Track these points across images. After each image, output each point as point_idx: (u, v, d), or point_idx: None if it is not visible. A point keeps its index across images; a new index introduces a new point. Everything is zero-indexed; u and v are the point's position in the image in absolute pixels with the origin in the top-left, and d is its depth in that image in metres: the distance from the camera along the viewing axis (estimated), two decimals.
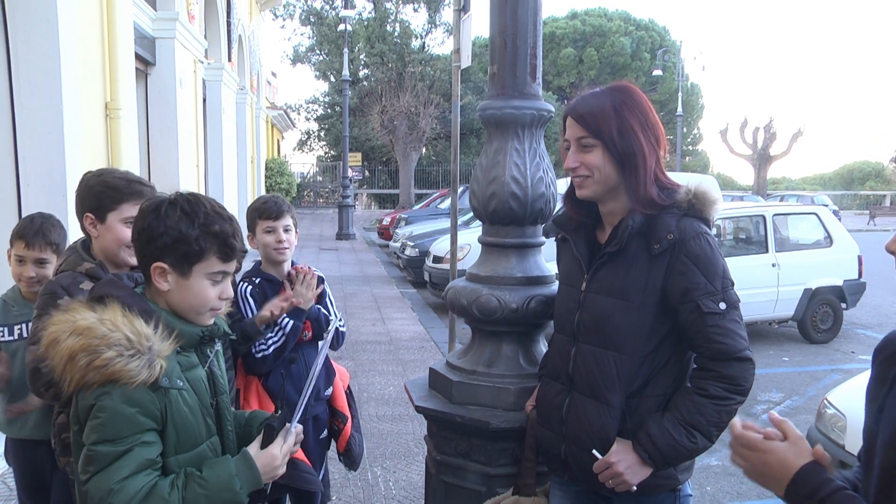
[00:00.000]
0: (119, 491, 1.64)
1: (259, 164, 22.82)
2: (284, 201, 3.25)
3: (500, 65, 2.63)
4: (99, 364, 1.65)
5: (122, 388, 1.66)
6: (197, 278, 1.84)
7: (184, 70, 11.08)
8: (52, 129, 5.64)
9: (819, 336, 9.78)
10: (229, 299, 1.96)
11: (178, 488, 1.71)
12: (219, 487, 1.75)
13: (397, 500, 4.64)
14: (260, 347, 3.06)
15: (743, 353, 2.03)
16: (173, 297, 1.86)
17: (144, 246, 1.84)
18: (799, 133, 39.01)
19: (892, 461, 1.34)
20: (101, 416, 1.67)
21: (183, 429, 1.78)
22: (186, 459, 1.80)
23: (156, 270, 1.83)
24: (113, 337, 1.68)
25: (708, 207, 2.12)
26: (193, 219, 1.82)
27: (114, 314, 1.72)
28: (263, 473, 1.83)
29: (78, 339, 1.67)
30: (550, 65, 40.40)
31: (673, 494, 2.21)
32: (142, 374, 1.67)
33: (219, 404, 1.97)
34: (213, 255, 1.84)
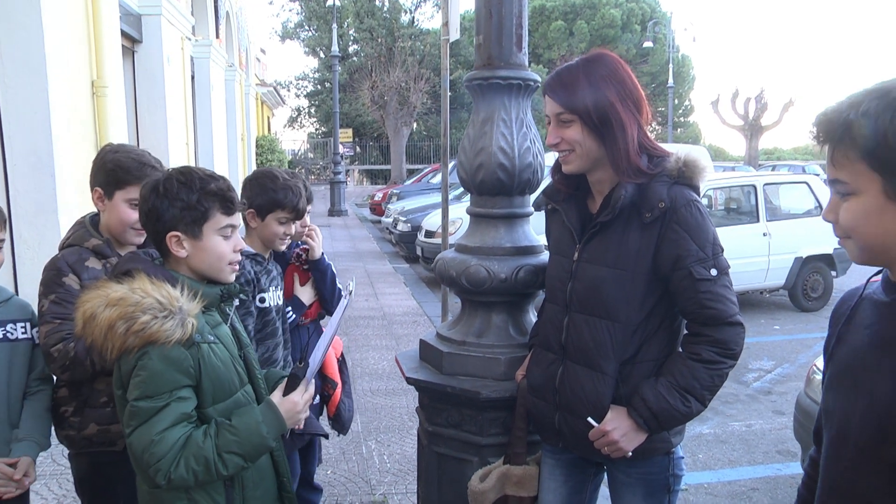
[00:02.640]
0: (160, 441, 1.80)
1: (249, 142, 22.68)
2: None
3: (486, 35, 2.60)
4: (137, 329, 1.79)
5: (160, 348, 1.81)
6: (209, 237, 2.00)
7: (171, 47, 10.97)
8: (38, 108, 5.59)
9: (809, 304, 9.87)
10: (243, 249, 2.11)
11: (211, 436, 1.86)
12: (248, 433, 1.90)
13: (392, 473, 4.67)
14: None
15: (734, 318, 2.05)
16: (193, 261, 2.00)
17: (156, 223, 1.98)
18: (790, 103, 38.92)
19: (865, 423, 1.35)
20: (142, 374, 1.82)
21: (217, 381, 1.93)
22: (224, 408, 1.96)
23: (172, 240, 1.97)
24: (146, 302, 1.81)
25: (697, 175, 2.12)
26: (191, 185, 1.97)
27: (142, 283, 1.86)
28: (287, 419, 1.99)
29: (114, 310, 1.80)
30: (541, 38, 40.14)
31: (667, 457, 2.23)
32: (176, 332, 1.81)
33: (246, 356, 2.13)
34: (217, 212, 2.00)
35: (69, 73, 6.19)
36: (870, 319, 1.41)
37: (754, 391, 6.61)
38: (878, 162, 1.27)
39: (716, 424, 5.78)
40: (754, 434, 5.60)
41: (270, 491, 2.14)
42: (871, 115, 1.26)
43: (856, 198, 1.33)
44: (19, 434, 2.39)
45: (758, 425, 5.78)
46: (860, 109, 1.28)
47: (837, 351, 1.49)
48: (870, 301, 1.43)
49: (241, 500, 2.02)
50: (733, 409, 6.13)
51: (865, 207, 1.31)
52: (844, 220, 1.35)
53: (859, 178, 1.31)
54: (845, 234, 1.38)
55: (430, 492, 2.76)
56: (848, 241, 1.39)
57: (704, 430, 5.65)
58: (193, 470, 1.83)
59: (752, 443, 5.43)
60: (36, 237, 5.53)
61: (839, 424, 1.42)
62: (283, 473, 2.19)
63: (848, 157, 1.31)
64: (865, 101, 1.28)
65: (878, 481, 1.33)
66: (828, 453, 1.46)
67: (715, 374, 2.05)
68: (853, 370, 1.40)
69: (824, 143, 1.36)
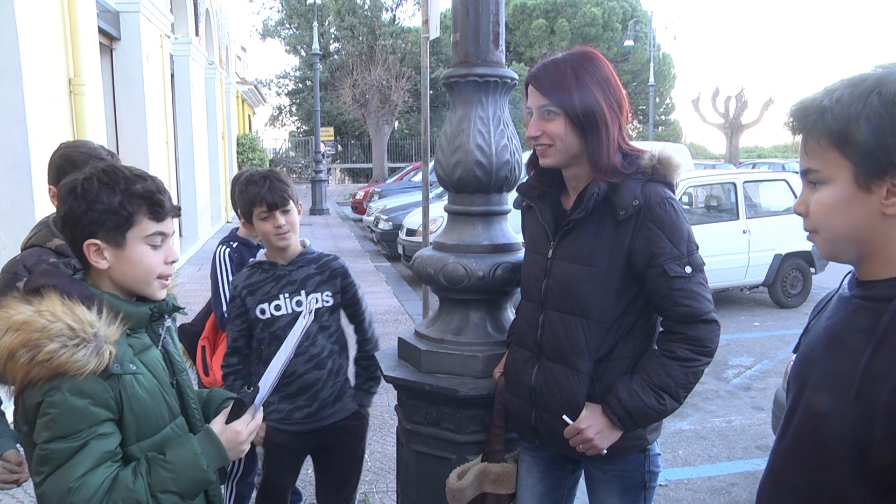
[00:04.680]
0: (79, 489, 1.56)
1: (230, 140, 22.56)
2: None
3: (463, 32, 2.60)
4: (42, 358, 1.55)
5: (71, 381, 1.57)
6: (134, 245, 1.75)
7: (150, 45, 10.90)
8: (13, 107, 5.54)
9: (789, 301, 9.94)
10: (176, 260, 1.86)
11: (143, 475, 1.64)
12: (185, 468, 1.68)
13: (372, 472, 4.66)
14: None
15: (708, 315, 2.05)
16: (116, 274, 1.76)
17: (72, 230, 1.73)
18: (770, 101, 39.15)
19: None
20: (51, 412, 1.56)
21: (142, 414, 1.70)
22: (150, 445, 1.73)
23: (90, 249, 1.72)
24: (54, 328, 1.57)
25: (672, 172, 2.13)
26: (114, 186, 1.72)
27: (52, 304, 1.62)
28: (229, 450, 1.77)
29: (16, 336, 1.56)
30: (522, 36, 40.20)
31: (642, 455, 2.24)
32: (90, 363, 1.57)
33: (179, 383, 1.89)
34: (143, 217, 1.75)
35: (45, 71, 6.13)
36: (829, 313, 1.42)
37: (734, 387, 6.65)
38: (850, 149, 1.27)
39: (696, 420, 5.81)
40: (734, 430, 5.63)
41: None
42: (844, 101, 1.27)
43: (826, 187, 1.33)
44: None
45: (737, 421, 5.82)
46: (834, 96, 1.29)
47: (802, 342, 1.50)
48: (837, 297, 1.44)
49: None
50: (713, 406, 6.16)
51: (835, 196, 1.32)
52: (814, 210, 1.36)
53: (831, 166, 1.31)
54: (814, 227, 1.38)
55: (408, 490, 2.76)
56: (816, 235, 1.39)
57: (684, 426, 5.68)
58: None
59: (731, 438, 5.46)
60: (12, 238, 5.46)
61: (787, 413, 1.44)
62: None
63: (820, 145, 1.31)
64: (840, 89, 1.29)
65: (806, 472, 1.36)
66: (777, 439, 1.48)
67: (690, 372, 2.05)
68: (807, 361, 1.41)
69: (798, 132, 1.36)
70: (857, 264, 1.38)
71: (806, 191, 1.39)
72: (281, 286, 2.93)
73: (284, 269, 2.95)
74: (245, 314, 2.96)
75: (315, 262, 3.00)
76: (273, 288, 2.93)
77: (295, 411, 2.93)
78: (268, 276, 2.95)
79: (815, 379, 1.35)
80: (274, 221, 2.87)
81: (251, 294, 2.94)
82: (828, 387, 1.31)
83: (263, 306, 2.92)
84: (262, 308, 2.92)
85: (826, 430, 1.30)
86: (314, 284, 2.96)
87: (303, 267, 2.97)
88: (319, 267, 2.99)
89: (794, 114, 1.37)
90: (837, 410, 1.28)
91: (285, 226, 2.88)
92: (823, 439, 1.31)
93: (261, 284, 2.94)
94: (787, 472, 1.41)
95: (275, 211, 2.87)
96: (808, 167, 1.36)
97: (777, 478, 1.44)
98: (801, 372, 1.42)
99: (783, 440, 1.43)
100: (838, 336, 1.35)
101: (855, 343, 1.29)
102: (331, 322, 3.00)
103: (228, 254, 3.42)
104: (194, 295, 9.10)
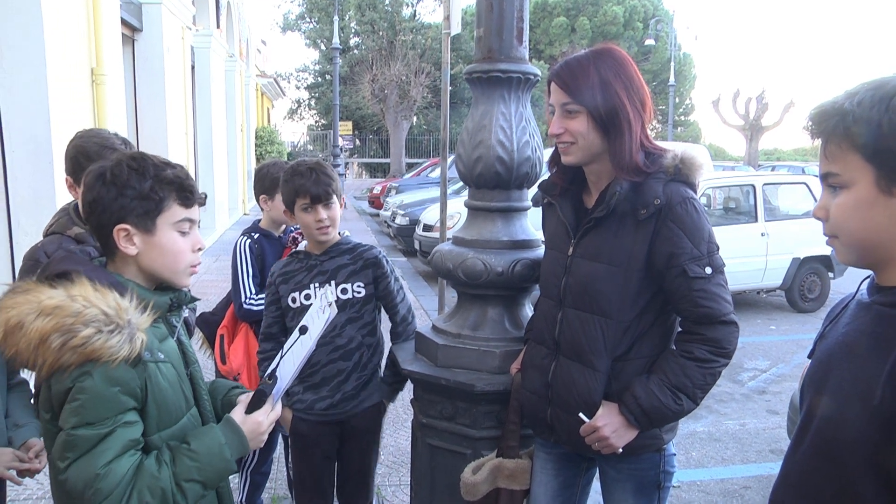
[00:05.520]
0: (105, 475, 1.56)
1: (249, 133, 22.66)
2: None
3: (487, 28, 2.60)
4: (76, 343, 1.54)
5: (104, 367, 1.56)
6: (164, 231, 1.76)
7: (171, 36, 10.97)
8: (37, 96, 5.59)
9: (806, 305, 9.87)
10: (203, 248, 1.88)
11: (167, 464, 1.65)
12: (209, 457, 1.70)
13: (386, 465, 4.67)
14: (249, 302, 3.34)
15: (727, 317, 2.04)
16: (145, 260, 1.76)
17: (100, 216, 1.73)
18: (791, 104, 38.82)
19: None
20: (81, 397, 1.56)
21: (163, 404, 1.71)
22: (170, 435, 1.74)
23: (119, 234, 1.72)
24: (89, 313, 1.56)
25: (694, 172, 2.11)
26: (143, 171, 1.73)
27: (84, 289, 1.61)
28: (250, 440, 1.79)
29: (48, 320, 1.55)
30: (542, 34, 40.09)
31: (658, 454, 2.23)
32: (123, 349, 1.57)
33: (192, 374, 1.89)
34: (173, 203, 1.77)
35: (68, 61, 6.17)
36: (848, 319, 1.40)
37: (749, 390, 6.62)
38: (872, 152, 1.26)
39: (710, 423, 5.79)
40: (748, 433, 5.61)
41: None
42: (865, 104, 1.25)
43: (847, 191, 1.32)
44: (18, 421, 2.38)
45: (752, 424, 5.79)
46: (855, 99, 1.27)
47: (818, 347, 1.49)
48: (855, 302, 1.43)
49: None
50: (728, 408, 6.14)
51: (856, 200, 1.30)
52: (834, 214, 1.34)
53: (851, 170, 1.30)
54: (833, 232, 1.37)
55: (422, 484, 2.76)
56: (835, 240, 1.38)
57: (698, 427, 5.66)
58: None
59: (745, 441, 5.43)
60: (34, 225, 5.52)
61: (804, 419, 1.43)
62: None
63: (841, 148, 1.30)
64: (861, 92, 1.28)
65: (826, 480, 1.34)
66: (791, 444, 1.47)
67: (707, 373, 2.04)
68: (824, 367, 1.40)
69: (818, 136, 1.35)
70: (878, 269, 1.36)
71: (826, 195, 1.38)
72: (312, 275, 2.94)
73: (317, 259, 2.96)
74: (278, 301, 2.99)
75: (349, 252, 2.99)
76: (305, 277, 2.95)
77: (318, 402, 2.94)
78: (302, 266, 2.97)
79: (834, 386, 1.34)
80: (315, 214, 2.86)
81: (285, 282, 2.98)
82: (847, 394, 1.30)
83: (294, 294, 2.94)
84: (293, 297, 2.95)
85: (845, 439, 1.29)
86: (346, 274, 2.94)
87: (336, 257, 2.96)
88: (353, 257, 2.98)
89: (814, 117, 1.36)
90: (857, 419, 1.26)
91: (326, 220, 2.86)
92: (843, 448, 1.29)
93: (294, 273, 2.97)
94: (805, 480, 1.39)
95: (318, 204, 2.85)
96: (829, 171, 1.34)
97: (794, 485, 1.43)
98: (818, 378, 1.41)
99: (799, 447, 1.42)
100: (859, 343, 1.33)
101: (877, 350, 1.27)
102: (363, 313, 2.98)
103: (249, 245, 3.45)
104: (211, 285, 9.16)
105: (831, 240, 1.39)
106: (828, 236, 1.39)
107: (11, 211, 5.61)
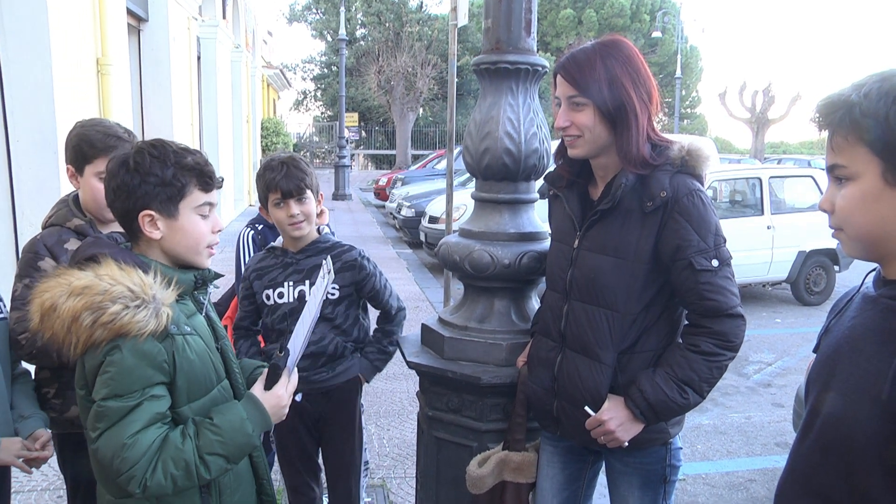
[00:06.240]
0: (132, 445, 1.63)
1: (255, 124, 22.65)
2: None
3: (495, 19, 2.58)
4: (105, 320, 1.62)
5: (132, 341, 1.65)
6: (186, 215, 1.84)
7: (177, 26, 10.95)
8: (42, 85, 5.58)
9: (812, 298, 9.86)
10: (221, 229, 1.96)
11: (191, 437, 1.71)
12: (232, 432, 1.76)
13: (391, 458, 4.68)
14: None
15: (734, 310, 2.02)
16: (168, 243, 1.85)
17: (125, 202, 1.81)
18: (798, 97, 38.60)
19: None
20: (111, 370, 1.65)
21: (192, 376, 1.78)
22: (200, 407, 1.81)
23: (144, 219, 1.81)
24: (115, 290, 1.65)
25: (701, 164, 2.09)
26: (165, 159, 1.81)
27: (110, 269, 1.69)
28: (272, 414, 1.86)
29: (79, 299, 1.63)
30: (549, 26, 39.94)
31: (664, 448, 2.22)
32: (150, 323, 1.66)
33: (222, 348, 1.97)
34: (194, 188, 1.85)
35: (73, 50, 6.16)
36: (854, 312, 1.39)
37: (754, 383, 6.61)
38: (879, 144, 1.25)
39: (715, 416, 5.78)
40: (753, 426, 5.60)
41: (249, 495, 2.01)
42: (872, 96, 1.25)
43: (853, 183, 1.31)
44: (24, 412, 2.37)
45: (757, 417, 5.78)
46: (862, 91, 1.27)
47: (823, 342, 1.48)
48: (861, 295, 1.42)
49: None
50: (733, 401, 6.13)
51: (863, 192, 1.29)
52: (840, 206, 1.33)
53: (858, 162, 1.29)
54: (839, 224, 1.36)
55: (428, 476, 2.76)
56: (841, 233, 1.37)
57: (704, 421, 5.65)
58: (172, 475, 1.66)
59: (750, 434, 5.43)
60: (38, 215, 5.49)
61: (809, 414, 1.42)
62: (263, 475, 2.06)
63: (847, 140, 1.29)
64: (868, 84, 1.27)
65: (833, 476, 1.33)
66: (797, 439, 1.46)
67: (714, 367, 2.03)
68: (830, 362, 1.39)
69: (825, 128, 1.34)
70: (884, 263, 1.35)
71: (832, 187, 1.37)
72: (287, 273, 2.90)
73: (293, 257, 2.92)
74: (253, 297, 2.97)
75: (328, 251, 2.92)
76: (279, 275, 2.91)
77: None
78: (277, 263, 2.94)
79: (841, 380, 1.33)
80: (287, 210, 2.83)
81: (259, 278, 2.95)
82: (854, 390, 1.29)
83: (268, 292, 2.92)
84: (266, 293, 2.92)
85: (852, 434, 1.28)
86: (311, 273, 2.88)
87: (312, 256, 2.92)
88: (331, 257, 2.92)
89: (820, 109, 1.35)
90: (865, 414, 1.26)
91: (298, 215, 2.83)
92: (850, 444, 1.29)
93: (269, 270, 2.94)
94: (812, 475, 1.39)
95: (289, 199, 2.82)
96: (835, 163, 1.33)
97: (800, 480, 1.42)
98: (825, 372, 1.40)
99: (805, 441, 1.41)
100: (865, 338, 1.32)
101: (885, 345, 1.26)
102: (336, 314, 2.94)
103: (252, 236, 3.44)
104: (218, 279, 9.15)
105: (837, 232, 1.38)
106: (833, 229, 1.38)
107: (16, 201, 5.61)
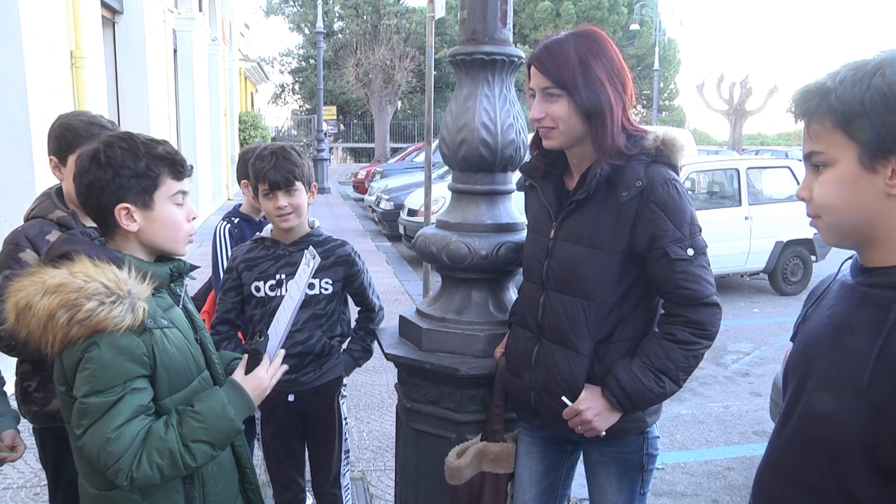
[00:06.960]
0: (116, 439, 1.64)
1: (232, 117, 22.50)
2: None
3: (471, 10, 2.57)
4: (81, 317, 1.62)
5: (109, 337, 1.65)
6: (161, 205, 1.84)
7: (153, 19, 10.85)
8: (14, 78, 5.51)
9: (789, 288, 9.96)
10: (196, 217, 1.97)
11: (174, 426, 1.72)
12: (214, 417, 1.77)
13: (370, 450, 4.68)
14: None
15: (710, 299, 2.03)
16: (146, 234, 1.85)
17: (99, 197, 1.80)
18: (774, 89, 38.88)
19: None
20: (90, 366, 1.65)
21: (172, 368, 1.79)
22: (181, 398, 1.82)
23: (121, 213, 1.80)
24: (90, 287, 1.65)
25: (676, 153, 2.10)
26: (136, 151, 1.81)
27: (84, 266, 1.69)
28: (254, 397, 1.88)
29: (54, 297, 1.63)
30: (527, 18, 39.90)
31: (641, 437, 2.23)
32: (126, 319, 1.66)
33: (202, 339, 1.99)
34: (167, 177, 1.85)
35: (46, 43, 6.08)
36: (832, 301, 1.40)
37: (732, 373, 6.66)
38: (854, 129, 1.26)
39: (694, 405, 5.82)
40: (731, 415, 5.65)
41: (231, 484, 2.02)
42: (847, 82, 1.26)
43: (830, 169, 1.31)
44: None
45: (735, 406, 5.83)
46: (837, 78, 1.28)
47: (801, 331, 1.49)
48: (838, 283, 1.43)
49: (202, 497, 1.89)
50: (711, 391, 6.18)
51: (840, 177, 1.30)
52: (818, 193, 1.34)
53: (835, 147, 1.30)
54: (817, 212, 1.36)
55: (407, 468, 2.76)
56: (819, 220, 1.37)
57: (682, 410, 5.69)
58: (158, 465, 1.68)
59: (728, 423, 5.47)
60: (12, 210, 5.45)
61: (788, 403, 1.43)
62: (246, 464, 2.07)
63: (824, 126, 1.30)
64: (843, 72, 1.28)
65: (814, 465, 1.34)
66: (776, 428, 1.47)
67: (690, 355, 2.04)
68: (809, 350, 1.40)
69: (801, 117, 1.35)
70: (862, 250, 1.36)
71: (809, 175, 1.38)
72: (279, 266, 2.87)
73: (285, 250, 2.89)
74: (240, 288, 2.92)
75: (320, 245, 2.89)
76: (271, 267, 2.88)
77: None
78: (268, 254, 2.89)
79: (821, 369, 1.34)
80: (275, 201, 2.79)
81: (248, 269, 2.90)
82: (835, 378, 1.30)
83: (258, 284, 2.87)
84: (256, 285, 2.88)
85: (833, 421, 1.29)
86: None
87: (305, 249, 2.89)
88: (324, 252, 2.87)
89: (797, 99, 1.36)
90: (846, 401, 1.27)
91: (286, 207, 2.79)
92: (830, 431, 1.29)
93: (259, 261, 2.89)
94: (792, 464, 1.40)
95: (277, 191, 2.79)
96: (812, 150, 1.34)
97: (780, 468, 1.43)
98: (804, 361, 1.40)
99: (784, 430, 1.42)
100: (845, 325, 1.33)
101: (864, 332, 1.27)
102: (326, 311, 2.93)
103: (229, 230, 3.41)
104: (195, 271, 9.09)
105: (815, 220, 1.38)
106: (811, 216, 1.39)
107: None
